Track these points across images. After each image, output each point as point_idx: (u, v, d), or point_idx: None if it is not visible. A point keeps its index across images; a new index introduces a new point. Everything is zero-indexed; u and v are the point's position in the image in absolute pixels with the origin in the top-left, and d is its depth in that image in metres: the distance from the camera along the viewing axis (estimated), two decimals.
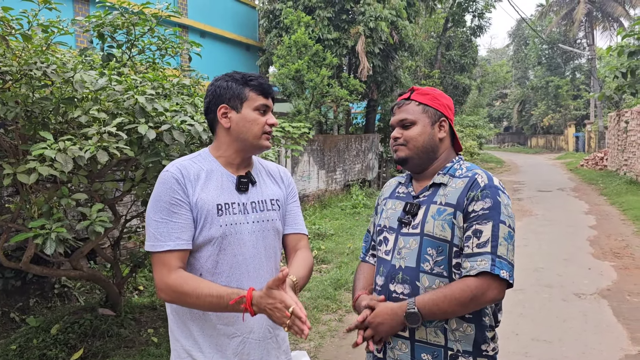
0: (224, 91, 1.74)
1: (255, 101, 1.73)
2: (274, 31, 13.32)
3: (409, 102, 1.86)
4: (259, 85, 1.74)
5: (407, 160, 1.84)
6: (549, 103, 42.63)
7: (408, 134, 1.82)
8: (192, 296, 1.57)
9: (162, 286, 1.61)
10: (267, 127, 1.75)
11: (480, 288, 1.60)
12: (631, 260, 7.00)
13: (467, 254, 1.66)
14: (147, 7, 3.80)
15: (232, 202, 1.72)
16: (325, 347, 4.33)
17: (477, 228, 1.65)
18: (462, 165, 1.83)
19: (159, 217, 1.64)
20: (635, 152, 15.09)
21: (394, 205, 1.90)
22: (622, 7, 35.65)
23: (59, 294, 5.21)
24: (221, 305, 1.57)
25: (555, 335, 4.48)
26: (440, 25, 23.64)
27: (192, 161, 1.75)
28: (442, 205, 1.74)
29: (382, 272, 1.84)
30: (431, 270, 1.71)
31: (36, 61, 2.78)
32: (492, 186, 1.71)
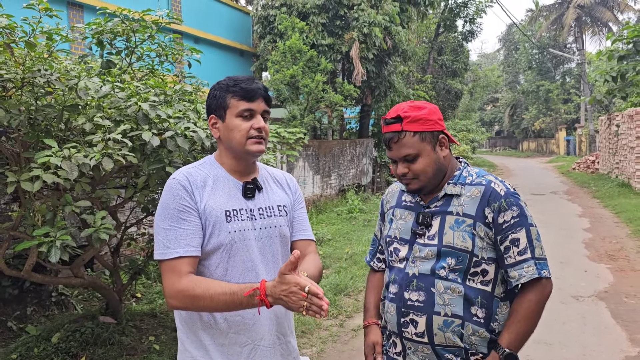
0: (211, 101, 1.75)
1: (236, 107, 1.70)
2: (268, 37, 13.35)
3: (403, 135, 1.75)
4: (240, 90, 1.69)
5: (421, 190, 1.82)
6: (539, 107, 42.99)
7: (416, 168, 1.76)
8: (205, 298, 1.55)
9: (172, 293, 1.58)
10: (252, 131, 1.69)
11: (538, 294, 1.71)
12: (626, 263, 7.06)
13: (511, 264, 1.72)
14: (148, 14, 3.81)
15: (240, 209, 1.71)
16: (327, 353, 4.33)
17: (514, 237, 1.71)
18: (471, 172, 1.84)
19: (167, 224, 1.63)
20: (627, 156, 15.24)
21: (403, 215, 1.89)
22: (611, 12, 36.08)
23: (56, 302, 5.18)
24: (235, 302, 1.54)
25: (556, 338, 4.51)
26: (432, 31, 23.81)
27: (198, 168, 1.74)
28: (460, 216, 1.75)
29: (394, 279, 1.85)
30: (446, 277, 1.73)
31: (40, 69, 2.78)
32: (512, 194, 1.76)
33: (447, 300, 1.72)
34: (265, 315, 1.72)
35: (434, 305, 1.73)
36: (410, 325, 1.77)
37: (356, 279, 6.26)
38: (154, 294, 5.67)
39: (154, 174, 3.26)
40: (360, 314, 5.20)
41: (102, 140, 2.76)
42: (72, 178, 2.57)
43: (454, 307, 1.72)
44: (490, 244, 1.74)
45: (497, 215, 1.72)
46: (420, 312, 1.75)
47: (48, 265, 3.86)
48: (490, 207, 1.73)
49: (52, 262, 3.86)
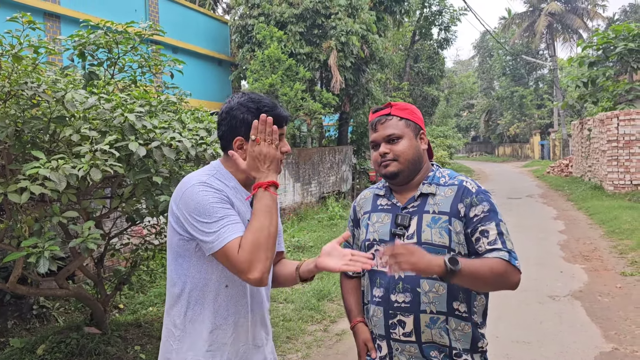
0: (240, 123, 1.73)
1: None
2: (246, 46, 13.41)
3: (390, 118, 1.90)
4: (274, 117, 1.72)
5: (398, 175, 1.89)
6: (514, 112, 43.78)
7: (398, 148, 1.87)
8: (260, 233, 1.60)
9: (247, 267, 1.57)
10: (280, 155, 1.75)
11: (508, 268, 1.73)
12: (600, 263, 7.28)
13: (482, 252, 1.78)
14: (131, 26, 3.86)
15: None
16: (312, 357, 4.39)
17: (483, 229, 1.80)
18: (443, 173, 1.95)
19: (217, 216, 1.61)
20: (599, 159, 15.66)
21: (381, 218, 1.95)
22: (581, 20, 37.04)
23: (37, 315, 5.14)
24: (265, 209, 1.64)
25: (534, 337, 4.65)
26: (408, 39, 24.16)
27: (215, 177, 1.74)
28: (436, 214, 1.84)
29: (379, 283, 1.89)
30: (431, 275, 1.80)
31: (26, 81, 2.81)
32: (483, 191, 1.87)
33: (432, 298, 1.80)
34: (257, 317, 1.81)
35: (420, 304, 1.80)
36: (398, 327, 1.83)
37: (339, 284, 6.28)
38: (137, 304, 5.66)
39: (139, 183, 3.30)
40: (343, 318, 5.27)
41: (89, 151, 2.80)
42: (61, 189, 2.60)
43: (439, 304, 1.80)
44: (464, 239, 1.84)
45: (469, 209, 1.82)
46: (407, 313, 1.82)
47: (30, 277, 3.86)
48: (463, 203, 1.84)
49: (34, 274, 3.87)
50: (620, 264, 7.15)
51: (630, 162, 14.06)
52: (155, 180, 3.13)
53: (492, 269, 1.71)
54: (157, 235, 4.65)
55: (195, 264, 1.71)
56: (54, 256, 2.83)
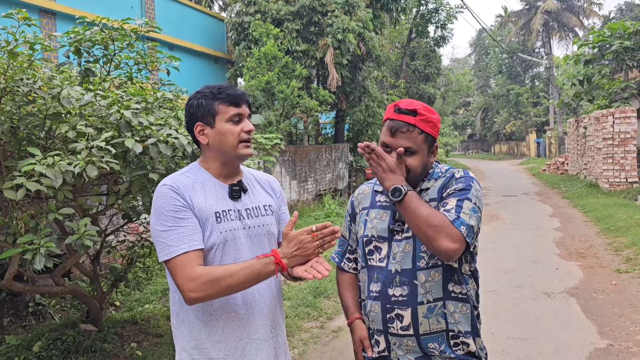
0: (196, 109, 1.80)
1: (226, 113, 1.78)
2: (242, 43, 13.40)
3: (412, 129, 1.82)
4: (228, 97, 1.78)
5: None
6: (510, 110, 43.85)
7: (410, 163, 1.83)
8: (225, 277, 1.62)
9: (190, 284, 1.61)
10: (243, 134, 1.79)
11: (445, 224, 1.70)
12: (595, 260, 7.31)
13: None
14: (127, 22, 3.85)
15: (229, 209, 1.79)
16: (308, 354, 4.40)
17: (445, 201, 1.80)
18: (442, 169, 1.96)
19: (166, 226, 1.67)
20: (594, 157, 15.71)
21: (379, 214, 1.95)
22: (577, 18, 37.13)
23: (33, 312, 5.13)
24: (255, 273, 1.65)
25: (529, 333, 4.67)
26: (405, 36, 24.15)
27: (184, 175, 1.80)
28: (427, 202, 1.84)
29: (377, 278, 1.90)
30: (426, 265, 1.82)
31: (22, 78, 2.80)
32: (468, 176, 1.88)
33: (428, 288, 1.82)
34: (258, 310, 1.80)
35: (417, 296, 1.82)
36: (395, 320, 1.84)
37: (335, 281, 6.33)
38: (133, 301, 5.66)
39: (136, 180, 3.30)
40: (340, 315, 5.28)
41: (85, 147, 2.79)
42: (57, 186, 2.60)
43: (435, 292, 1.82)
44: None
45: (445, 189, 1.85)
46: (405, 306, 1.83)
47: (26, 275, 3.85)
48: (445, 187, 1.86)
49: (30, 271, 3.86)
50: (615, 261, 7.18)
51: (625, 159, 14.11)
52: (152, 177, 3.12)
53: (430, 215, 1.70)
54: None
55: None
56: (50, 253, 2.82)
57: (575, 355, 4.20)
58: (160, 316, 5.07)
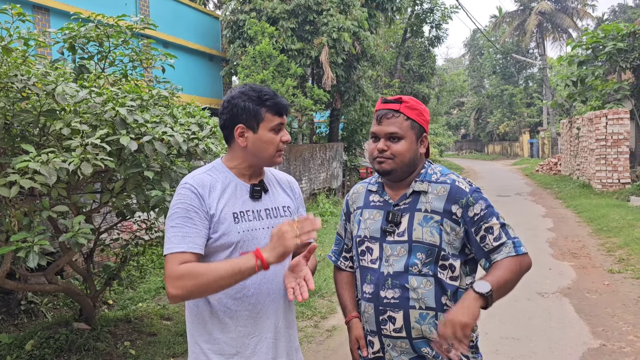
0: (241, 111, 1.78)
1: (271, 122, 1.79)
2: (237, 42, 13.35)
3: (398, 115, 1.86)
4: (275, 105, 1.79)
5: (390, 172, 1.87)
6: (504, 111, 44.01)
7: (396, 148, 1.85)
8: (207, 274, 1.61)
9: (171, 281, 1.62)
10: (281, 144, 1.82)
11: (516, 266, 1.79)
12: (588, 260, 7.35)
13: (490, 250, 1.82)
14: (122, 19, 3.82)
15: (247, 210, 1.80)
16: (303, 353, 4.37)
17: (487, 226, 1.83)
18: (435, 170, 1.94)
19: (175, 223, 1.69)
20: (587, 157, 15.79)
21: (372, 214, 1.95)
22: (571, 19, 37.30)
23: (26, 310, 5.10)
24: (235, 269, 1.62)
25: (523, 333, 4.68)
26: (400, 36, 24.16)
27: (208, 174, 1.81)
28: (428, 213, 1.84)
29: (369, 279, 1.90)
30: (419, 272, 1.82)
31: (16, 74, 2.77)
32: (475, 190, 1.88)
33: (420, 294, 1.81)
34: (270, 310, 1.81)
35: (409, 300, 1.81)
36: (388, 322, 1.84)
37: (329, 280, 6.34)
38: (127, 300, 5.64)
39: (130, 178, 3.28)
40: (334, 314, 5.28)
41: (80, 145, 2.77)
42: (51, 183, 2.58)
43: (427, 300, 1.81)
44: (456, 239, 1.83)
45: (466, 210, 1.83)
46: (397, 309, 1.82)
47: (18, 272, 3.82)
48: (458, 204, 1.83)
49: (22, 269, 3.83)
50: (608, 261, 7.22)
51: (618, 160, 14.20)
52: (147, 175, 3.11)
53: (511, 270, 1.78)
54: (147, 230, 4.62)
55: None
56: (44, 251, 2.80)
57: (568, 355, 4.22)
58: (154, 315, 5.05)
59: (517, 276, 1.80)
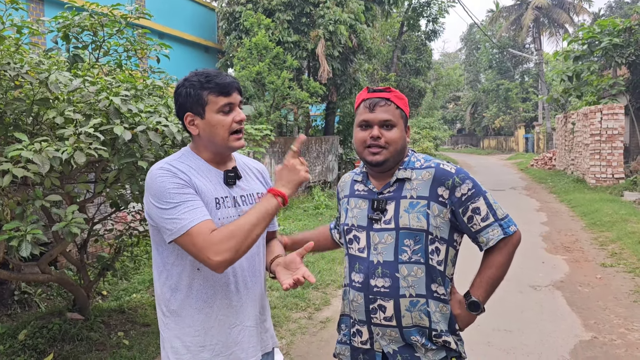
0: (185, 99, 1.73)
1: (216, 103, 1.72)
2: (233, 33, 13.30)
3: (390, 103, 1.87)
4: (217, 86, 1.71)
5: (383, 163, 1.87)
6: (499, 105, 44.06)
7: (390, 136, 1.85)
8: (241, 228, 1.60)
9: (214, 248, 1.56)
10: (234, 125, 1.74)
11: (507, 252, 1.88)
12: (581, 254, 7.39)
13: (477, 230, 1.87)
14: (116, 8, 3.80)
15: (225, 196, 1.77)
16: (296, 344, 4.41)
17: (474, 206, 1.86)
18: (419, 157, 1.96)
19: (173, 203, 1.62)
20: (582, 152, 15.85)
21: (358, 203, 1.96)
22: (567, 14, 37.27)
23: (19, 300, 5.09)
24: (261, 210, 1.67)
25: (515, 325, 4.71)
26: (396, 30, 24.13)
27: (179, 161, 1.75)
28: (414, 199, 1.85)
29: (358, 268, 1.90)
30: (409, 260, 1.83)
31: (9, 62, 2.76)
32: (461, 170, 1.90)
33: (410, 282, 1.82)
34: (250, 297, 1.80)
35: (399, 288, 1.82)
36: (378, 311, 1.84)
37: (323, 272, 6.36)
38: (120, 290, 5.64)
39: (124, 168, 3.27)
40: (328, 306, 5.30)
41: (73, 134, 2.76)
42: (44, 172, 2.56)
43: (418, 287, 1.83)
44: (444, 222, 1.85)
45: (453, 191, 1.85)
46: (387, 297, 1.83)
47: (11, 262, 3.81)
48: (444, 186, 1.85)
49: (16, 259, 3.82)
50: (601, 255, 7.27)
51: (612, 155, 14.25)
52: (141, 165, 3.10)
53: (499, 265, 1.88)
54: (141, 221, 4.61)
55: (171, 251, 1.72)
56: (37, 241, 2.80)
57: (559, 347, 4.25)
58: (148, 305, 5.05)
59: (509, 260, 1.89)
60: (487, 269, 1.89)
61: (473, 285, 1.91)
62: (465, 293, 1.92)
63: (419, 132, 25.05)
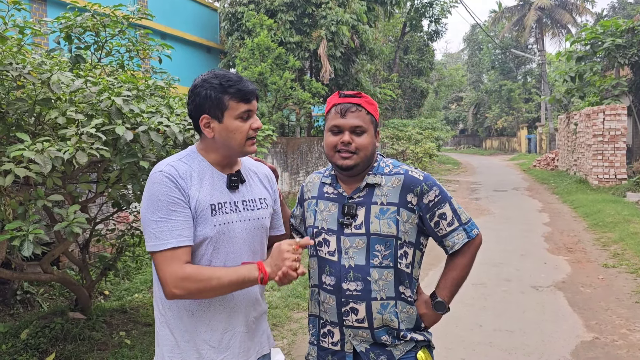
0: (203, 100, 1.69)
1: (236, 110, 1.70)
2: (235, 34, 13.32)
3: (361, 109, 1.89)
4: (238, 92, 1.69)
5: (353, 168, 1.89)
6: (502, 106, 44.02)
7: (360, 141, 1.87)
8: (212, 279, 1.59)
9: (176, 282, 1.58)
10: (251, 132, 1.73)
11: (470, 254, 1.98)
12: (583, 255, 7.38)
13: (443, 235, 1.95)
14: (118, 9, 3.81)
15: (225, 202, 1.74)
16: (297, 344, 4.41)
17: (440, 212, 1.93)
18: (387, 162, 1.98)
19: (158, 216, 1.62)
20: (584, 153, 15.82)
21: (327, 207, 1.96)
22: (570, 15, 37.24)
23: (21, 300, 5.11)
24: (240, 278, 1.63)
25: (516, 326, 4.71)
26: (399, 30, 24.14)
27: (182, 161, 1.73)
28: (385, 205, 1.88)
29: (329, 271, 1.91)
30: (380, 264, 1.86)
31: (11, 62, 2.77)
32: (429, 177, 1.95)
33: (381, 285, 1.86)
34: (244, 303, 1.78)
35: (371, 292, 1.85)
36: (350, 314, 1.87)
37: None
38: (122, 290, 5.65)
39: (126, 168, 3.28)
40: None
41: (75, 134, 2.77)
42: (46, 172, 2.57)
43: (387, 290, 1.87)
44: (412, 227, 1.90)
45: (421, 198, 1.90)
46: (359, 300, 1.86)
47: (14, 262, 3.82)
48: (413, 192, 1.90)
49: (18, 259, 3.83)
50: (603, 256, 7.25)
51: (614, 156, 14.23)
52: (142, 165, 3.10)
53: (462, 266, 1.97)
54: None
55: None
56: (39, 241, 2.81)
57: (561, 347, 4.25)
58: (150, 305, 5.06)
59: (472, 262, 1.99)
60: (452, 271, 1.97)
61: (438, 287, 1.98)
62: (431, 294, 1.99)
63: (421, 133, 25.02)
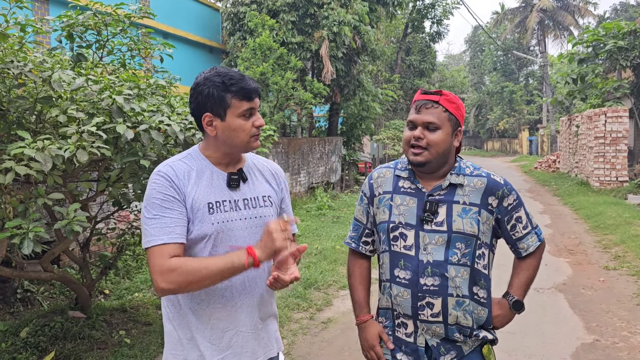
0: (205, 99, 1.69)
1: (239, 108, 1.69)
2: (237, 34, 13.32)
3: (437, 106, 1.89)
4: (241, 90, 1.68)
5: (424, 164, 1.90)
6: (504, 108, 44.00)
7: (432, 138, 1.87)
8: (199, 270, 1.58)
9: (162, 275, 1.58)
10: (254, 130, 1.73)
11: (539, 256, 2.09)
12: (584, 257, 7.37)
13: (518, 238, 2.03)
14: (120, 8, 3.81)
15: (223, 200, 1.73)
16: (297, 344, 4.41)
17: (517, 215, 2.01)
18: (467, 164, 2.01)
19: (152, 214, 1.64)
20: (586, 155, 15.80)
21: (405, 201, 1.95)
22: (572, 17, 37.22)
23: (22, 299, 5.10)
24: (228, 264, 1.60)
25: (517, 327, 4.68)
26: (401, 31, 24.13)
27: (182, 161, 1.74)
28: (467, 205, 1.91)
29: (404, 265, 1.92)
30: (458, 262, 1.88)
31: (12, 60, 2.76)
32: (507, 182, 2.01)
33: (457, 282, 1.88)
34: (246, 302, 1.77)
35: (448, 287, 1.88)
36: (426, 308, 1.89)
37: (325, 273, 6.35)
38: (123, 289, 5.64)
39: (127, 167, 3.27)
40: (329, 307, 5.30)
41: (76, 132, 2.77)
42: (47, 170, 2.57)
43: (463, 288, 1.89)
44: (488, 229, 1.95)
45: (502, 201, 1.96)
46: (436, 295, 1.88)
47: (14, 260, 3.82)
48: (495, 195, 1.95)
49: (18, 257, 3.83)
50: (604, 258, 7.24)
51: (616, 158, 14.20)
52: (143, 164, 3.10)
53: (534, 267, 2.07)
54: None
55: None
56: (39, 239, 2.80)
57: (561, 349, 4.24)
58: (150, 305, 5.05)
59: (540, 263, 2.09)
60: (525, 271, 2.05)
61: (512, 287, 2.05)
62: (504, 294, 2.05)
63: None
